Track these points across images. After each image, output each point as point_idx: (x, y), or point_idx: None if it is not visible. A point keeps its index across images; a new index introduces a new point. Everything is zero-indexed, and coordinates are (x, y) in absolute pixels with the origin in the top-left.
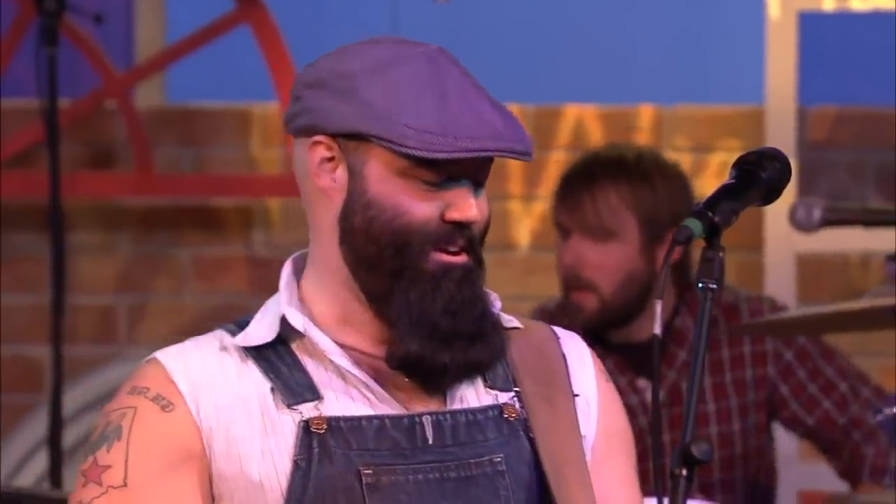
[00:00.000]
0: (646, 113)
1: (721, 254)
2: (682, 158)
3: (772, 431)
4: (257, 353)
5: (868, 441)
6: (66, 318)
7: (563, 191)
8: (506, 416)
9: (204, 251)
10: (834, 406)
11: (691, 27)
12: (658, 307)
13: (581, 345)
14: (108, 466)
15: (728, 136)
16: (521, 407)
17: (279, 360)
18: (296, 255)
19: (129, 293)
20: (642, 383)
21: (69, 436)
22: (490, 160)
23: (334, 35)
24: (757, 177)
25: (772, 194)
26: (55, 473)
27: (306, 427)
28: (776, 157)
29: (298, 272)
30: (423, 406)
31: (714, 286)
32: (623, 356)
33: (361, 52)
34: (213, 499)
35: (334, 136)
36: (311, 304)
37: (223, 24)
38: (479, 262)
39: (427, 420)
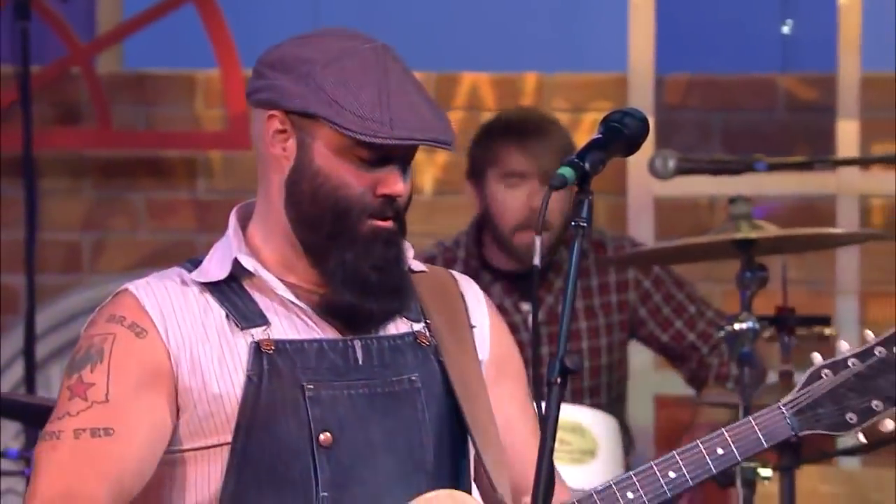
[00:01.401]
0: (530, 79)
1: (590, 197)
2: (560, 117)
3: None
4: (213, 287)
5: (712, 353)
6: (37, 251)
7: (516, 141)
8: (419, 342)
9: (155, 195)
10: (684, 325)
11: (567, 5)
12: (537, 242)
13: (475, 286)
14: (92, 384)
15: (598, 98)
16: (431, 335)
17: (232, 293)
18: (239, 205)
19: (91, 231)
20: (525, 306)
21: (40, 350)
22: (415, 148)
23: (266, 9)
24: (621, 133)
25: (633, 147)
26: (29, 381)
27: (257, 348)
28: (636, 116)
29: (243, 220)
30: (353, 332)
31: (584, 224)
32: (510, 282)
33: (319, 43)
34: (178, 409)
35: (288, 112)
36: (258, 250)
37: (172, 3)
38: (402, 229)
39: (357, 344)
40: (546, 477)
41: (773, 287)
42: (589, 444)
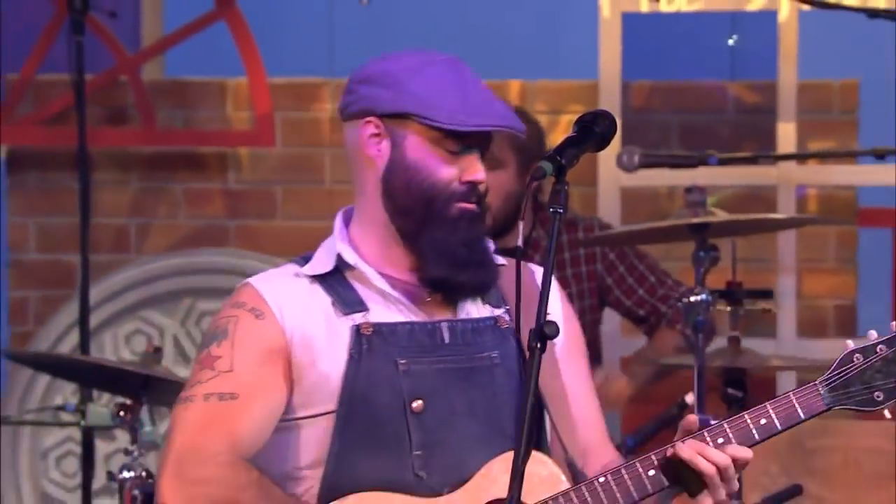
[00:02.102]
0: (514, 86)
1: (566, 187)
2: (541, 118)
3: (601, 313)
4: (320, 279)
5: (669, 310)
6: (90, 234)
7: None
8: (499, 325)
9: (191, 186)
10: (645, 292)
11: (546, 21)
12: (520, 226)
13: (553, 284)
14: (219, 357)
15: (573, 102)
16: (510, 319)
17: (336, 283)
18: (344, 209)
19: (137, 216)
20: None
21: (93, 319)
22: (491, 138)
23: (286, 27)
24: (592, 131)
25: (603, 144)
26: (84, 346)
27: (357, 330)
28: (606, 117)
29: (347, 221)
30: (441, 316)
31: (560, 210)
32: None
33: (400, 59)
34: (292, 382)
35: (381, 116)
36: (359, 244)
37: (206, 20)
38: (484, 211)
39: (444, 326)
40: (528, 428)
41: (723, 265)
42: None
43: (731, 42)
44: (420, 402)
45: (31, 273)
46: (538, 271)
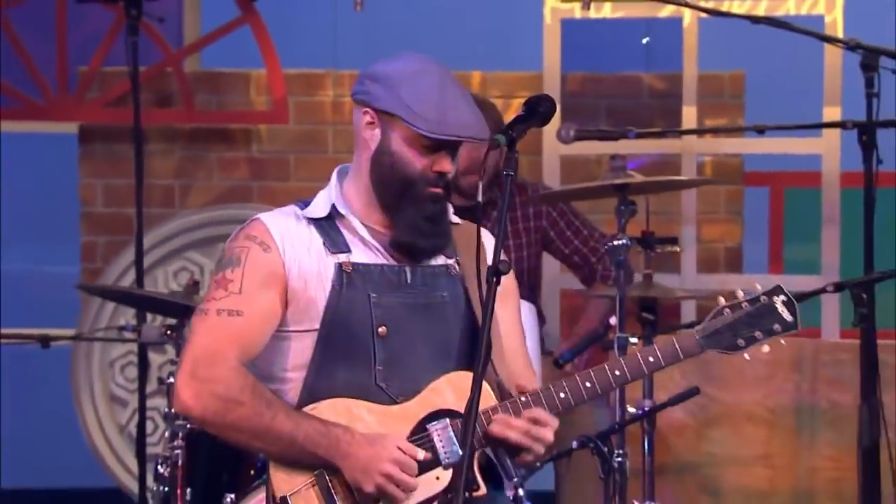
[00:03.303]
0: (476, 76)
1: (516, 155)
2: (497, 102)
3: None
4: (315, 222)
5: (599, 261)
6: (144, 192)
7: None
8: (450, 272)
9: (223, 155)
10: (580, 242)
11: (501, 24)
12: (480, 185)
13: (491, 238)
14: (231, 280)
15: (521, 89)
16: (459, 268)
17: (328, 227)
18: (340, 166)
19: (180, 178)
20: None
21: (146, 260)
22: (460, 143)
23: (295, 29)
24: (537, 111)
25: (545, 121)
26: (139, 280)
27: (340, 267)
28: (548, 100)
29: (341, 177)
30: (407, 262)
31: (512, 174)
32: (459, 214)
33: (401, 63)
34: (286, 303)
35: (376, 110)
36: (350, 199)
37: (233, 24)
38: (448, 193)
39: (407, 269)
40: (485, 347)
41: (639, 217)
42: None
43: (645, 42)
44: (384, 327)
45: (98, 223)
46: (483, 232)
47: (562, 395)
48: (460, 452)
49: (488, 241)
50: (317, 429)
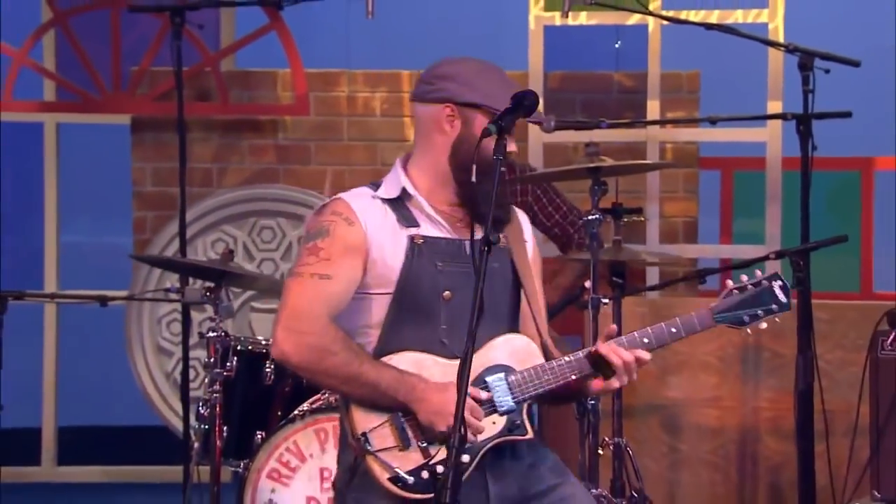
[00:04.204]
0: None
1: (504, 141)
2: None
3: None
4: (388, 201)
5: (577, 232)
6: (186, 174)
7: None
8: (500, 244)
9: (254, 142)
10: (561, 217)
11: (492, 29)
12: (473, 168)
13: (526, 217)
14: (322, 248)
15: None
16: (507, 243)
17: (399, 206)
18: (401, 156)
19: (217, 162)
20: None
21: (189, 231)
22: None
23: (315, 33)
24: (523, 104)
25: (530, 113)
26: (182, 249)
27: (412, 240)
28: (532, 94)
29: (403, 164)
30: (464, 235)
31: (501, 157)
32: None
33: (465, 64)
34: (366, 269)
35: (456, 104)
36: (415, 182)
37: (262, 30)
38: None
39: (466, 243)
40: (478, 307)
41: (610, 195)
42: None
43: (616, 45)
44: (449, 292)
45: (147, 201)
46: (522, 214)
47: (581, 361)
48: (513, 402)
49: (522, 218)
50: (395, 376)
